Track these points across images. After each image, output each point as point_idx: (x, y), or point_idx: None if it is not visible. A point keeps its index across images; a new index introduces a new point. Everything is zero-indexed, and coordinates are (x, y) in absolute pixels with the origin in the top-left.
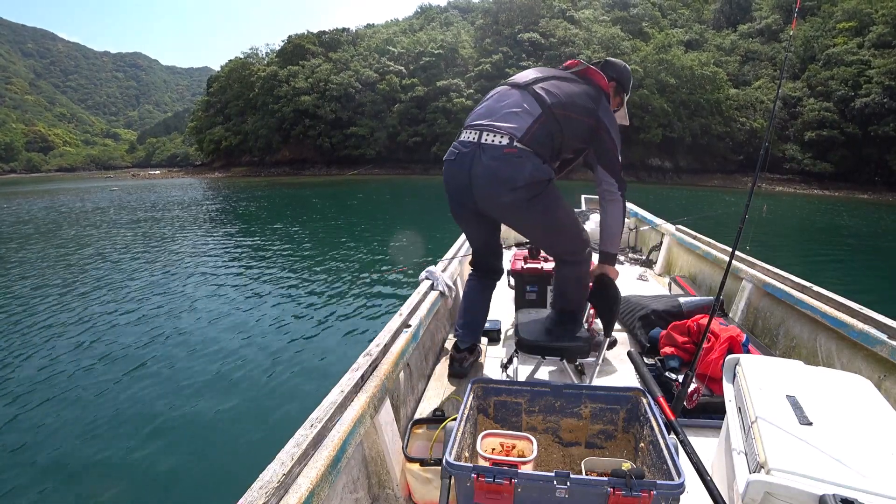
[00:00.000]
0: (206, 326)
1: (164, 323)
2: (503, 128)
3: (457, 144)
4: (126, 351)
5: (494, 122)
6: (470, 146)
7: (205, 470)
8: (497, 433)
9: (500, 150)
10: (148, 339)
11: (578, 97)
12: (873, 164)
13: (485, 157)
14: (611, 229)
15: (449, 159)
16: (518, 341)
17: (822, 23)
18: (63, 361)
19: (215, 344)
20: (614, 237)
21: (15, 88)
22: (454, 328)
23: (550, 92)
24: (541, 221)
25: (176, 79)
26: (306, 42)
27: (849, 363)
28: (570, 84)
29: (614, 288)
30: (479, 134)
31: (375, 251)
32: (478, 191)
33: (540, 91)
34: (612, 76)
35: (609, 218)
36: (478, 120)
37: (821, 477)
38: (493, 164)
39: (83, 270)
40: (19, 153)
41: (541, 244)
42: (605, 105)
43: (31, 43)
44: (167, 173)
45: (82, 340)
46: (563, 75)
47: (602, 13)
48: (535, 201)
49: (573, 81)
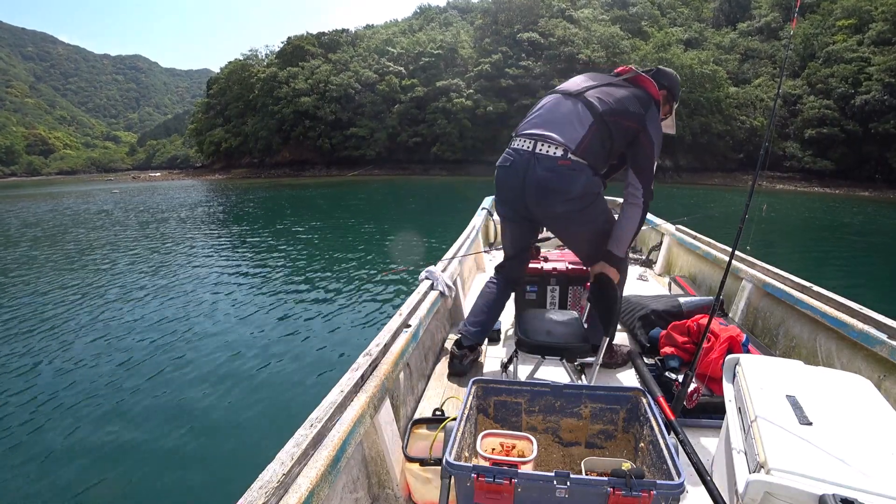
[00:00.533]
0: (206, 325)
1: (163, 322)
2: (557, 139)
3: (510, 151)
4: (126, 349)
5: (549, 133)
6: (525, 154)
7: (204, 470)
8: (497, 433)
9: (555, 161)
10: (149, 338)
11: (629, 102)
12: (874, 161)
13: (539, 168)
14: (623, 231)
15: (503, 165)
16: (518, 341)
17: (822, 20)
18: (64, 360)
19: (214, 343)
20: (623, 240)
21: (15, 92)
22: (461, 324)
23: (602, 99)
24: (589, 230)
25: (176, 81)
26: (306, 43)
27: (849, 363)
28: (620, 90)
29: (613, 289)
30: (534, 143)
31: (376, 251)
32: (531, 199)
33: (592, 99)
34: (663, 84)
35: (624, 220)
36: (532, 129)
37: (821, 477)
38: (548, 175)
39: (89, 272)
40: (20, 156)
41: (584, 252)
42: (653, 112)
43: (31, 46)
44: (167, 175)
45: (84, 338)
46: (614, 82)
47: (601, 12)
48: (586, 212)
49: (624, 87)
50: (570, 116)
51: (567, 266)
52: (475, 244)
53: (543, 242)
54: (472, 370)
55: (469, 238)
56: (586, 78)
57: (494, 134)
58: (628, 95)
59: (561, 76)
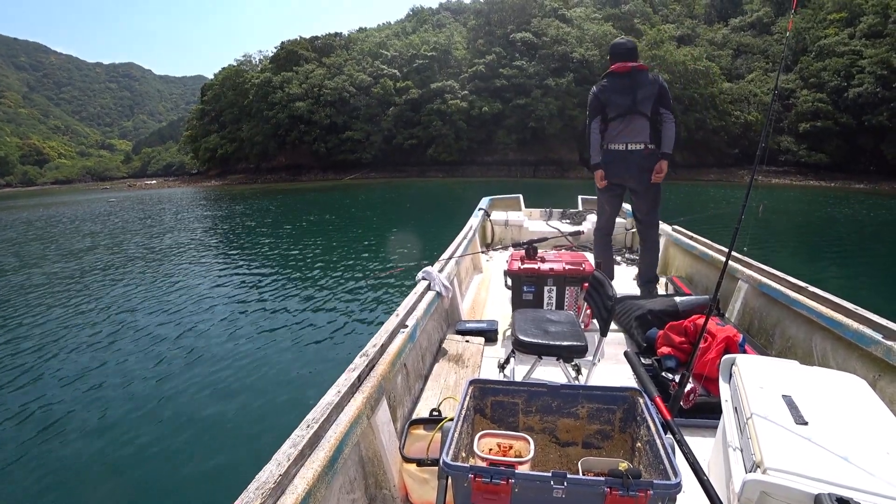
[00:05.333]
0: (202, 326)
1: (163, 321)
2: (639, 139)
3: (610, 151)
4: (123, 350)
5: (632, 137)
6: (623, 151)
7: (199, 471)
8: (494, 433)
9: (641, 153)
10: (145, 339)
11: (651, 85)
12: (868, 153)
13: (634, 156)
14: (669, 139)
15: (610, 159)
16: (515, 341)
17: (813, 14)
18: (64, 361)
19: (211, 344)
20: (671, 144)
21: (8, 102)
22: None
23: (643, 102)
24: (657, 191)
25: (169, 88)
26: (299, 48)
27: (844, 363)
28: (642, 83)
29: (611, 287)
30: (626, 144)
31: (373, 253)
32: (632, 175)
33: (642, 109)
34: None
35: (667, 131)
36: (622, 136)
37: (816, 476)
38: (642, 160)
39: (87, 281)
40: (15, 167)
41: (651, 209)
42: (654, 74)
43: (23, 56)
44: (163, 183)
45: (87, 342)
46: (640, 82)
47: (593, 11)
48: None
49: (638, 76)
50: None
51: (564, 266)
52: (472, 244)
53: (541, 243)
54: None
55: (466, 238)
56: (634, 95)
57: (489, 135)
58: (650, 80)
59: (555, 75)
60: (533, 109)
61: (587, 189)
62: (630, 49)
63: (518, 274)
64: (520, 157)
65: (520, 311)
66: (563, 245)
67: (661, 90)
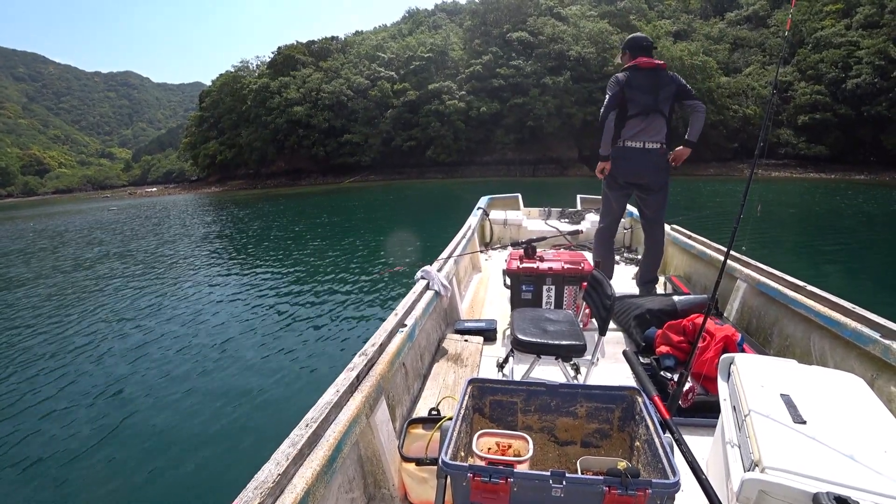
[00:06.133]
0: (202, 326)
1: (162, 322)
2: (657, 139)
3: (627, 148)
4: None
5: (651, 136)
6: (641, 149)
7: (198, 470)
8: (493, 432)
9: (658, 152)
10: (144, 336)
11: (671, 82)
12: (868, 144)
13: (651, 156)
14: (697, 129)
15: (627, 157)
16: (514, 340)
17: (810, 6)
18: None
19: (209, 344)
20: (698, 132)
21: (8, 113)
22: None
23: (664, 102)
24: (667, 191)
25: (168, 95)
26: (296, 52)
27: (842, 362)
28: (664, 83)
29: (609, 287)
30: (644, 143)
31: (372, 253)
32: (648, 174)
33: (663, 109)
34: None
35: (697, 121)
36: (641, 135)
37: (815, 475)
38: (658, 159)
39: (92, 289)
40: (15, 177)
41: (660, 208)
42: (672, 73)
43: (21, 67)
44: (164, 190)
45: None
46: (662, 81)
47: (589, 8)
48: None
49: (661, 75)
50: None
51: (563, 266)
52: (471, 244)
53: (539, 242)
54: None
55: (465, 238)
56: (655, 92)
57: (488, 135)
58: (669, 77)
59: (552, 74)
60: (531, 108)
61: (587, 187)
62: (651, 44)
63: (517, 273)
64: (519, 156)
65: (518, 311)
66: (561, 244)
67: (680, 86)
